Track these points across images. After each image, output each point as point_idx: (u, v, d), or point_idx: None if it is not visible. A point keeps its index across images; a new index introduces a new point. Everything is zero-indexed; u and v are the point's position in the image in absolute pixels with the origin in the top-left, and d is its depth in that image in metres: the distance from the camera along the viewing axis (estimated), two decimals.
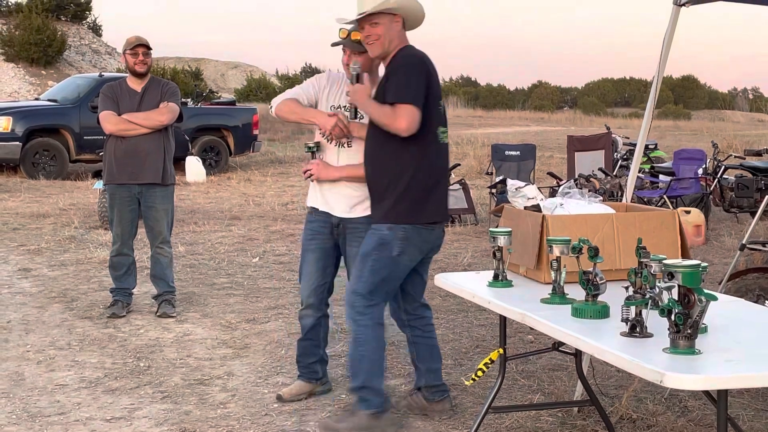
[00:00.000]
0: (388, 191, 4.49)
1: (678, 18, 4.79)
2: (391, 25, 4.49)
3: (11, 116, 17.40)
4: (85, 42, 39.61)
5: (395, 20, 4.50)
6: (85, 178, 17.34)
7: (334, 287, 5.19)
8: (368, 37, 4.50)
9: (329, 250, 5.03)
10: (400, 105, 4.35)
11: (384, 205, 4.51)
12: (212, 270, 8.92)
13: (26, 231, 11.17)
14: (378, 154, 4.54)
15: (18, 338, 6.38)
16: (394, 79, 4.41)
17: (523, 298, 3.81)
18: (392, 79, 4.42)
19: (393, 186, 4.47)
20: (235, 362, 5.86)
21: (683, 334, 2.87)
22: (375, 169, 4.56)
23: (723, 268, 7.71)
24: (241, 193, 16.05)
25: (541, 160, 19.22)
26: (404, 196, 4.46)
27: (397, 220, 4.47)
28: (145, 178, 6.85)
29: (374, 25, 4.47)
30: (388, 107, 4.39)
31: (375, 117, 4.45)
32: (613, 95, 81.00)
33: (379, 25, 4.47)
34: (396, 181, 4.47)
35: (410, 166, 4.46)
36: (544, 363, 5.76)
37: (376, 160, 4.56)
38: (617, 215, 4.15)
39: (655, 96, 4.80)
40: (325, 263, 5.05)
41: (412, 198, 4.47)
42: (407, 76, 4.40)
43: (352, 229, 4.91)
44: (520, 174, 12.92)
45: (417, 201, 4.47)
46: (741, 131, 33.97)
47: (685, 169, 13.15)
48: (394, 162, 4.47)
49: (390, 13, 4.48)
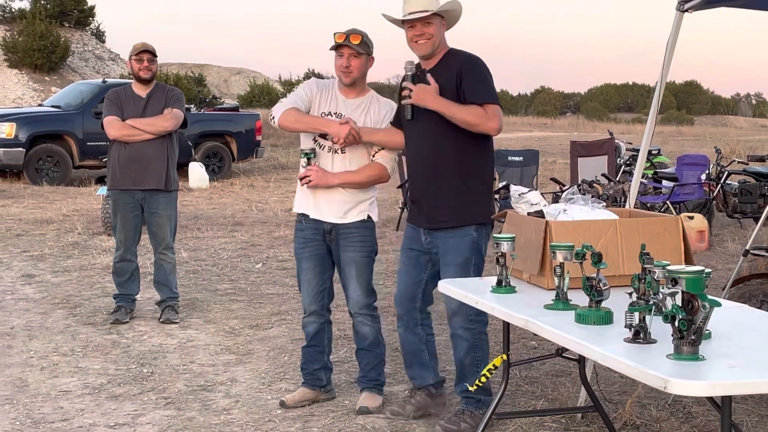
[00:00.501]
0: (468, 191, 4.64)
1: (681, 24, 4.79)
2: (440, 26, 4.66)
3: (15, 122, 17.44)
4: (89, 48, 39.63)
5: (443, 22, 4.67)
6: (88, 184, 17.36)
7: (333, 293, 5.21)
8: (422, 35, 4.62)
9: (324, 256, 5.08)
10: (490, 105, 4.52)
11: (466, 207, 4.64)
12: (215, 276, 8.93)
13: (29, 237, 11.18)
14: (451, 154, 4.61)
15: (21, 344, 6.38)
16: (476, 80, 4.55)
17: (526, 304, 3.80)
18: (473, 79, 4.54)
19: (473, 185, 4.65)
20: (239, 368, 5.86)
21: (687, 340, 2.87)
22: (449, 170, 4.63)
23: (726, 274, 7.70)
24: (244, 198, 16.06)
25: (544, 165, 19.23)
26: (482, 195, 4.68)
27: (481, 219, 4.67)
28: (149, 184, 6.86)
29: (428, 24, 4.61)
30: (478, 107, 4.50)
31: (461, 116, 4.51)
32: (615, 101, 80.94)
33: (432, 25, 4.61)
34: (474, 180, 4.65)
35: (483, 165, 4.70)
36: (548, 369, 5.75)
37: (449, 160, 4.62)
38: (621, 221, 4.14)
39: (658, 101, 4.81)
40: (322, 269, 5.09)
41: (488, 196, 4.73)
42: (486, 78, 4.59)
43: (345, 234, 4.97)
44: (523, 179, 12.91)
45: (490, 197, 4.77)
46: (744, 136, 33.96)
47: (688, 174, 13.13)
48: (470, 161, 4.63)
49: (440, 15, 4.62)
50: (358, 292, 5.04)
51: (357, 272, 5.01)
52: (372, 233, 5.05)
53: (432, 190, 4.69)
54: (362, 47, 4.87)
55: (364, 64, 4.93)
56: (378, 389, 5.17)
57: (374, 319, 5.14)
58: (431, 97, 4.54)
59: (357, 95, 5.00)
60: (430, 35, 4.59)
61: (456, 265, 4.63)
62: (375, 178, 4.97)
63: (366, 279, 5.05)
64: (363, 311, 5.08)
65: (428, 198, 4.71)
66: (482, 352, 4.71)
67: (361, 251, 5.01)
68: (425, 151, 4.70)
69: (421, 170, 4.74)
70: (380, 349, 5.19)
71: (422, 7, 4.58)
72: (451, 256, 4.65)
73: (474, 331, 4.67)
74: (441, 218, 4.67)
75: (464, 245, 4.64)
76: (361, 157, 4.96)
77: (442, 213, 4.66)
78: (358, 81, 4.96)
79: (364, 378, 5.18)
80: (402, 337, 4.97)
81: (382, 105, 5.02)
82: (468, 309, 4.54)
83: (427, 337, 4.96)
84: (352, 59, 4.87)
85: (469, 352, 4.70)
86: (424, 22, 4.59)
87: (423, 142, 4.70)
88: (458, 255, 4.64)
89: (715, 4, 4.78)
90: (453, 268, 4.63)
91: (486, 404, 4.63)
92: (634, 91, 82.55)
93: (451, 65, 4.61)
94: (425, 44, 4.61)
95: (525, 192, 4.34)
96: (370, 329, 5.12)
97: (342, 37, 4.85)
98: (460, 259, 4.63)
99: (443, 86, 4.56)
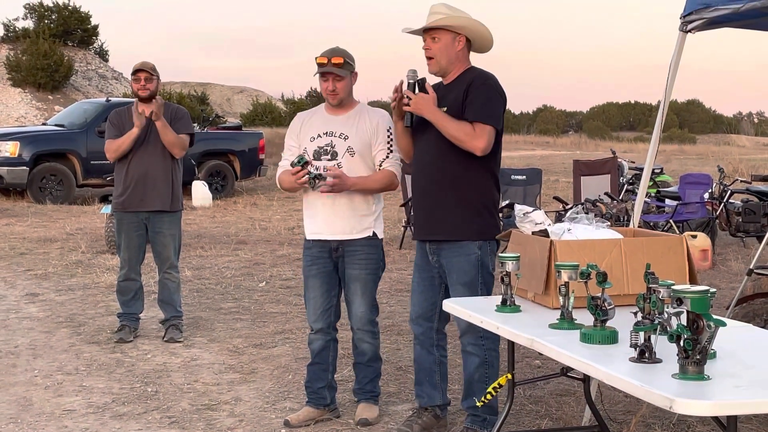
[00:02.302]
0: (471, 206, 4.64)
1: (684, 44, 4.82)
2: (453, 43, 4.59)
3: (19, 141, 17.51)
4: (92, 67, 39.77)
5: (458, 39, 4.60)
6: (91, 203, 17.39)
7: (341, 311, 5.22)
8: (426, 51, 4.61)
9: (331, 274, 5.10)
10: (482, 125, 4.49)
11: (469, 222, 4.64)
12: (219, 294, 8.93)
13: (33, 255, 11.20)
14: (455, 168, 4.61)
15: (26, 363, 6.38)
16: (477, 98, 4.51)
17: (531, 323, 3.80)
18: (474, 97, 4.51)
19: (476, 201, 4.65)
20: (243, 387, 5.86)
21: (692, 359, 2.87)
22: (453, 184, 4.63)
23: (730, 293, 7.70)
24: (248, 217, 16.09)
25: (547, 184, 19.24)
26: (486, 211, 4.68)
27: (484, 236, 4.67)
28: (154, 205, 6.87)
29: (435, 40, 4.58)
30: (468, 124, 4.48)
31: (450, 131, 4.50)
32: (618, 119, 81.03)
33: (439, 41, 4.57)
34: (477, 196, 4.64)
35: (486, 181, 4.67)
36: (552, 388, 5.75)
37: (453, 174, 4.62)
38: (625, 240, 4.15)
39: (661, 121, 4.83)
40: (328, 287, 5.11)
41: (492, 212, 4.71)
42: (490, 98, 4.54)
43: (351, 251, 5.01)
44: (526, 198, 12.92)
45: (495, 214, 4.74)
46: (746, 155, 33.99)
47: (691, 193, 13.14)
48: (473, 176, 4.62)
49: (453, 32, 4.56)
50: (362, 308, 5.06)
51: (362, 289, 5.04)
52: (377, 250, 5.07)
53: (432, 201, 4.70)
54: (345, 68, 4.92)
55: (348, 83, 4.99)
56: (374, 400, 5.23)
57: (374, 336, 5.17)
58: (427, 106, 4.52)
59: (345, 111, 5.05)
60: (433, 52, 4.59)
61: (463, 284, 4.64)
62: (387, 183, 5.00)
63: (370, 296, 5.08)
64: (365, 327, 5.11)
65: (429, 210, 4.73)
66: (492, 369, 4.72)
67: (366, 268, 5.03)
68: (428, 163, 4.71)
69: (422, 181, 4.76)
70: (378, 363, 5.25)
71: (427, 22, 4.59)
72: (457, 275, 4.67)
73: (484, 347, 4.68)
74: (441, 231, 4.68)
75: (469, 264, 4.65)
76: (363, 172, 4.99)
77: (442, 225, 4.67)
78: (345, 99, 5.02)
79: (360, 390, 5.24)
80: (417, 354, 4.98)
81: (371, 115, 5.04)
82: (478, 326, 4.56)
83: (440, 358, 4.97)
84: (336, 82, 4.93)
85: (479, 368, 4.71)
86: (432, 37, 4.58)
87: (426, 154, 4.71)
88: (464, 274, 4.65)
89: (717, 25, 4.81)
90: (460, 287, 4.64)
91: (491, 423, 4.64)
92: (636, 109, 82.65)
93: (464, 81, 4.60)
94: (429, 61, 4.63)
95: (530, 211, 4.35)
96: (370, 346, 5.16)
97: (324, 59, 4.90)
98: (466, 278, 4.64)
99: (452, 100, 4.57)
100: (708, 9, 4.61)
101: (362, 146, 4.96)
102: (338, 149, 4.96)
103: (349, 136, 4.96)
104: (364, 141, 4.97)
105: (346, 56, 4.92)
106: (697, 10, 4.68)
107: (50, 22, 39.16)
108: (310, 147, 4.99)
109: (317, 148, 4.97)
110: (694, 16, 4.71)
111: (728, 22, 4.80)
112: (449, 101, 4.59)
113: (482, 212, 4.68)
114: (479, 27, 4.63)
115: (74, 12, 39.91)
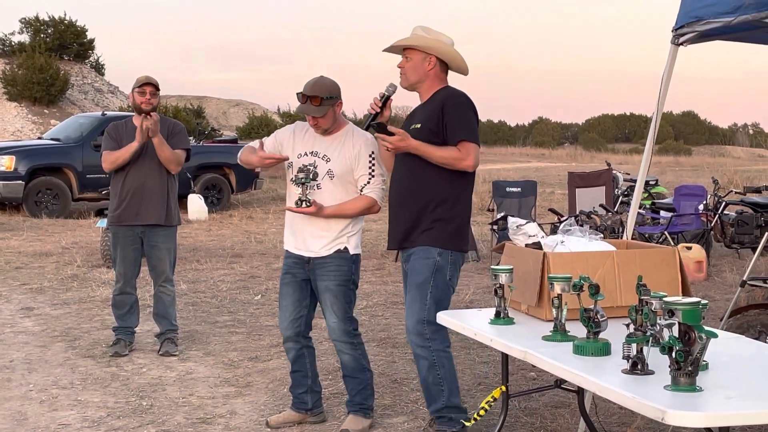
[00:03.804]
0: (437, 216, 4.71)
1: (676, 57, 4.85)
2: (422, 63, 4.78)
3: (14, 155, 17.51)
4: (88, 81, 39.76)
5: (428, 60, 4.77)
6: (87, 217, 17.39)
7: (311, 321, 5.33)
8: (400, 68, 4.83)
9: (303, 284, 5.21)
10: (465, 143, 4.62)
11: (433, 230, 4.71)
12: (214, 308, 8.93)
13: (29, 270, 11.20)
14: (425, 181, 4.72)
15: (21, 377, 6.38)
16: (456, 118, 4.64)
17: (524, 335, 3.82)
18: (452, 117, 4.64)
19: (442, 211, 4.71)
20: (238, 400, 5.86)
21: (684, 371, 2.89)
22: (421, 195, 4.73)
23: (725, 304, 7.71)
24: (243, 230, 16.09)
25: (542, 196, 19.28)
26: (452, 222, 4.72)
27: (447, 245, 4.72)
28: (150, 219, 6.88)
29: (407, 59, 4.79)
30: (452, 148, 4.62)
31: (436, 158, 4.64)
32: (613, 131, 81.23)
33: (410, 60, 4.77)
34: (445, 207, 4.71)
35: (458, 194, 4.75)
36: (547, 400, 5.75)
37: (422, 186, 4.73)
38: (618, 252, 4.17)
39: (654, 132, 4.85)
40: (300, 296, 5.21)
41: (459, 224, 4.75)
42: (467, 116, 4.68)
43: (321, 263, 5.10)
44: (521, 210, 12.94)
45: (462, 227, 4.77)
46: (742, 166, 34.07)
47: (686, 205, 13.17)
48: (443, 188, 4.71)
49: (423, 52, 4.75)
50: (333, 319, 5.13)
51: (331, 300, 5.11)
52: (347, 263, 5.12)
53: (405, 213, 4.80)
54: (323, 106, 4.97)
55: (330, 116, 5.03)
56: (364, 413, 5.26)
57: (354, 347, 5.21)
58: (405, 144, 4.62)
59: (332, 133, 5.12)
60: (404, 69, 4.81)
61: (415, 285, 4.73)
62: (364, 209, 5.08)
63: (341, 307, 5.13)
64: (341, 338, 5.18)
65: (402, 220, 4.82)
66: (443, 370, 4.75)
67: (335, 280, 5.09)
68: (404, 176, 4.83)
69: (397, 193, 4.87)
70: (365, 375, 5.26)
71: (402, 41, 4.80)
72: (412, 276, 4.77)
73: (431, 349, 4.72)
74: (411, 239, 4.78)
75: (425, 266, 4.72)
76: (342, 195, 5.08)
77: (408, 233, 4.78)
78: (329, 127, 5.09)
79: (350, 402, 5.30)
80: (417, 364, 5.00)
81: (356, 140, 5.10)
82: (423, 327, 4.66)
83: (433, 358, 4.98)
84: (318, 119, 5.01)
85: (430, 370, 4.75)
86: (405, 56, 4.80)
87: (402, 166, 4.84)
88: (418, 274, 4.73)
89: (709, 38, 4.83)
90: (413, 288, 4.74)
91: (458, 421, 4.77)
92: (631, 121, 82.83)
93: (437, 100, 4.75)
94: (401, 77, 4.84)
95: (523, 224, 4.37)
96: (350, 357, 5.21)
97: (304, 98, 4.99)
98: (419, 279, 4.72)
99: (425, 117, 4.72)
100: (700, 22, 4.64)
101: (343, 170, 5.05)
102: (319, 170, 5.04)
103: (331, 159, 5.06)
104: (345, 165, 5.05)
105: (324, 93, 4.98)
106: (689, 23, 4.71)
107: (46, 36, 39.17)
108: (296, 163, 5.07)
109: (301, 165, 5.03)
110: (686, 29, 4.74)
111: (720, 35, 4.83)
112: (422, 118, 4.76)
113: (452, 224, 4.75)
114: (448, 49, 4.80)
115: (70, 26, 39.93)
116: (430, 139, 4.64)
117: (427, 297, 4.68)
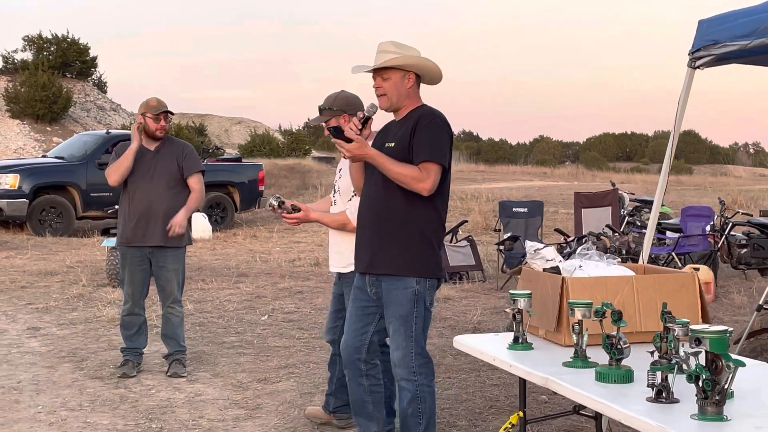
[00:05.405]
0: (405, 239, 4.55)
1: (693, 80, 4.84)
2: (402, 81, 4.60)
3: (19, 173, 17.49)
4: (90, 98, 39.87)
5: (407, 77, 4.61)
6: (91, 235, 17.36)
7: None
8: (377, 89, 4.62)
9: (341, 298, 5.46)
10: (428, 164, 4.43)
11: (406, 257, 4.55)
12: (221, 328, 8.90)
13: (34, 289, 11.16)
14: (399, 205, 4.54)
15: (29, 399, 6.34)
16: (423, 137, 4.46)
17: (544, 361, 3.79)
18: (421, 137, 4.46)
19: (411, 234, 4.55)
20: (248, 423, 5.81)
21: (711, 400, 2.86)
22: (390, 215, 4.57)
23: (733, 326, 7.65)
24: (248, 249, 16.06)
25: (547, 215, 19.21)
26: (427, 249, 4.56)
27: (425, 273, 4.56)
28: (157, 239, 6.86)
29: (385, 79, 4.59)
30: (412, 167, 4.44)
31: (392, 174, 4.44)
32: (614, 150, 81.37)
33: (389, 80, 4.58)
34: (414, 229, 4.55)
35: (429, 216, 4.57)
36: (560, 424, 5.71)
37: (392, 206, 4.56)
38: (637, 277, 4.14)
39: (671, 157, 4.85)
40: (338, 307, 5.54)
41: (434, 250, 4.60)
42: (436, 136, 4.48)
43: (348, 282, 5.18)
44: (528, 230, 12.93)
45: (435, 253, 4.61)
46: (743, 186, 34.05)
47: (693, 225, 13.15)
48: (414, 209, 4.54)
49: (402, 70, 4.58)
50: None
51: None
52: None
53: (374, 235, 4.64)
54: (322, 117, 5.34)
55: None
56: None
57: None
58: (361, 151, 4.45)
59: None
60: (385, 90, 4.60)
61: (398, 317, 4.58)
62: (339, 225, 5.26)
63: None
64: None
65: (370, 243, 4.66)
66: (424, 404, 4.63)
67: None
68: (373, 198, 4.66)
69: (366, 215, 4.70)
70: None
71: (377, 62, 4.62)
72: (393, 308, 4.60)
73: (416, 383, 4.61)
74: (381, 265, 4.62)
75: (405, 297, 4.57)
76: None
77: (382, 260, 4.61)
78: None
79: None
80: (348, 387, 4.95)
81: None
82: (411, 360, 4.55)
83: (371, 387, 4.88)
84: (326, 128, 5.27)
85: (412, 402, 4.63)
86: (382, 76, 4.60)
87: (373, 188, 4.66)
88: (400, 307, 4.58)
89: (725, 61, 4.83)
90: (395, 320, 4.59)
91: None
92: (632, 140, 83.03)
93: (412, 118, 4.58)
94: (381, 98, 4.63)
95: (541, 248, 4.35)
96: None
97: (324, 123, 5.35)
98: (402, 311, 4.57)
99: (400, 136, 4.56)
100: (716, 45, 4.64)
101: (345, 187, 5.25)
102: (336, 186, 5.44)
103: (342, 176, 5.32)
104: (347, 182, 5.16)
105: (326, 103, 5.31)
106: (705, 46, 4.71)
107: (49, 54, 39.33)
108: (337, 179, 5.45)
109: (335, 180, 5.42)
110: (702, 52, 4.74)
111: (736, 59, 4.83)
112: (397, 137, 4.59)
113: (424, 249, 4.58)
114: (426, 63, 4.64)
115: (73, 44, 40.10)
116: (405, 158, 4.48)
117: (412, 329, 4.55)
